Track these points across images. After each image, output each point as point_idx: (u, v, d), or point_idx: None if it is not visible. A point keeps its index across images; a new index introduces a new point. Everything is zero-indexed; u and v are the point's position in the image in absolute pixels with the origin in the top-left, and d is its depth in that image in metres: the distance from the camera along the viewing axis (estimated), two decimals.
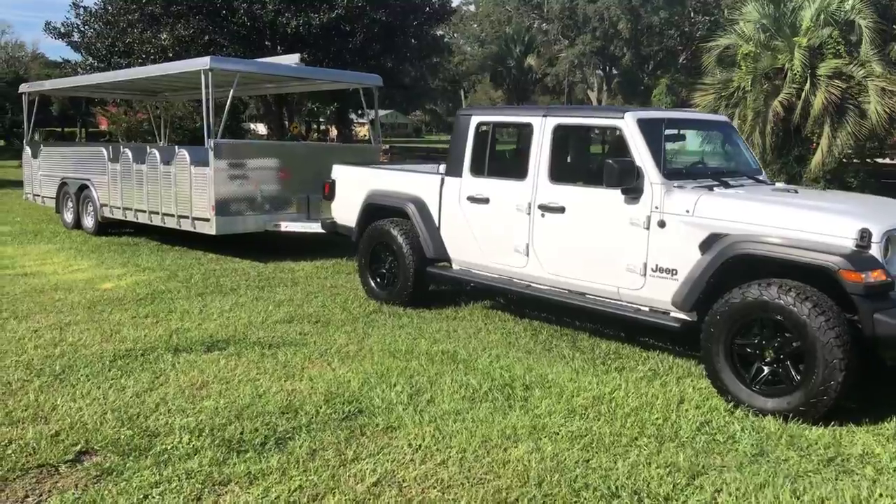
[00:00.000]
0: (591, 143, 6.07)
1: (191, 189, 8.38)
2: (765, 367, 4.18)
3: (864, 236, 3.99)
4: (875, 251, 4.01)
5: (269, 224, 8.54)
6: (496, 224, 5.76)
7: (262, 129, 33.82)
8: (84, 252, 9.01)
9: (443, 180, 6.22)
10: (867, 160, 16.82)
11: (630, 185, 4.81)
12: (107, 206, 9.97)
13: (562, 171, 5.43)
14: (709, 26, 57.00)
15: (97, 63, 20.28)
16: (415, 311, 6.28)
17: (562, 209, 5.29)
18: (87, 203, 10.48)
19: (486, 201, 5.82)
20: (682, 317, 4.73)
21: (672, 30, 58.35)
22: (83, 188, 10.44)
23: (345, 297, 6.82)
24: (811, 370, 3.92)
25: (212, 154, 8.03)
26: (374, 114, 9.90)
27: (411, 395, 4.29)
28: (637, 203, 4.86)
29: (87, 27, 20.52)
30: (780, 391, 4.09)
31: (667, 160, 4.98)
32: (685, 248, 4.64)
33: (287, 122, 23.89)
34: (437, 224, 6.27)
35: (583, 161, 5.87)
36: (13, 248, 9.13)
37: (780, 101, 15.42)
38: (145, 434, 3.68)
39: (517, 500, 3.15)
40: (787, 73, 15.52)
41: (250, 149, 9.25)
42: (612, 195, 4.94)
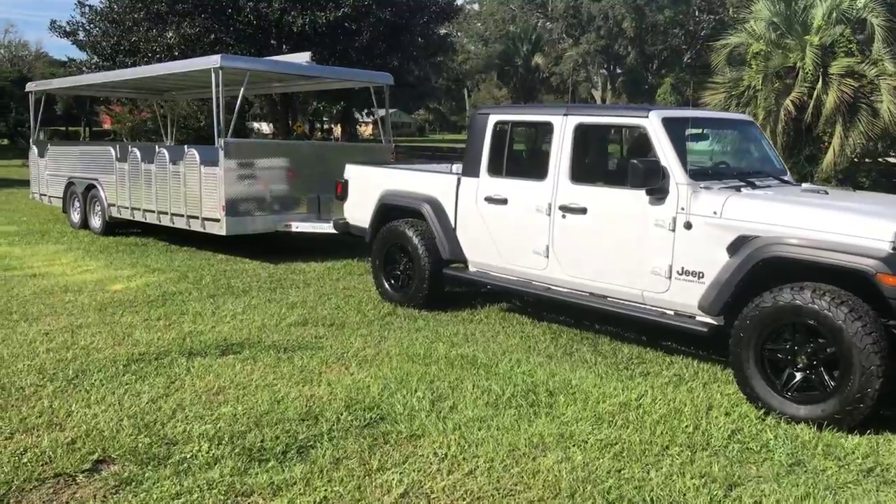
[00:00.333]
0: (614, 143, 5.95)
1: (200, 189, 8.28)
2: (797, 374, 4.07)
3: None
4: None
5: (280, 224, 8.44)
6: (515, 225, 5.65)
7: (265, 128, 33.76)
8: (92, 252, 8.92)
9: (459, 180, 6.11)
10: (879, 159, 16.67)
11: (655, 185, 4.70)
12: (114, 205, 9.88)
13: (583, 172, 5.32)
14: (713, 25, 56.89)
15: (102, 62, 20.21)
16: (430, 314, 6.18)
17: (583, 210, 5.17)
18: (94, 203, 10.39)
19: (505, 202, 5.71)
20: (709, 321, 4.61)
21: (677, 29, 58.18)
22: (90, 188, 10.35)
23: (358, 298, 6.72)
24: (847, 377, 3.81)
25: (222, 153, 7.93)
26: (385, 113, 9.79)
27: (433, 401, 4.19)
28: (662, 204, 4.75)
29: (92, 26, 20.45)
30: (813, 398, 3.98)
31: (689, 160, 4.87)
32: (712, 251, 4.52)
33: (291, 122, 23.81)
34: (454, 225, 6.16)
35: (605, 161, 5.76)
36: (21, 249, 9.04)
37: (792, 100, 15.27)
38: (163, 442, 3.58)
39: None
40: (799, 72, 15.37)
41: (261, 148, 9.16)
42: (637, 196, 4.83)
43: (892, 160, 17.12)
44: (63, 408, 3.96)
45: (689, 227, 4.65)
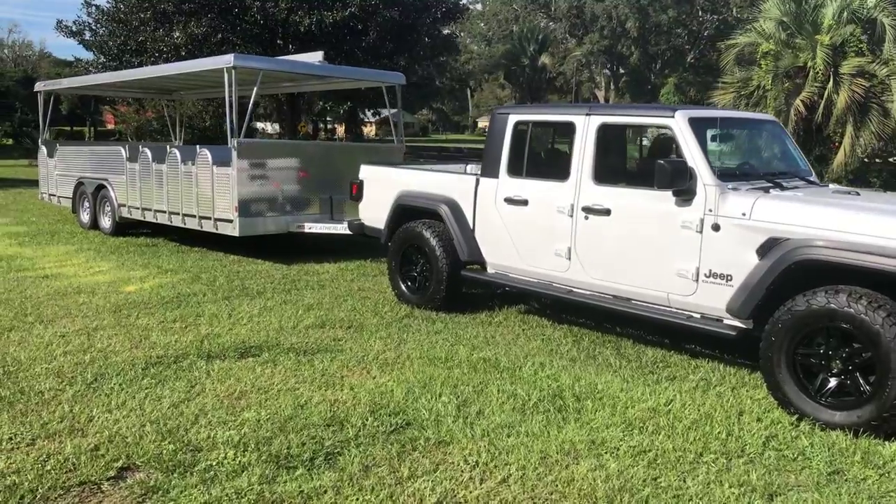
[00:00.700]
0: (638, 143, 5.87)
1: (213, 189, 8.21)
2: (831, 379, 3.99)
3: None
4: None
5: (293, 225, 8.37)
6: (535, 226, 5.58)
7: (269, 128, 33.69)
8: (103, 253, 8.85)
9: (478, 181, 6.04)
10: (890, 160, 16.57)
11: (683, 186, 4.62)
12: (125, 206, 9.82)
13: (607, 172, 5.24)
14: (717, 25, 56.77)
15: (109, 62, 20.16)
16: (448, 316, 6.10)
17: (607, 211, 5.09)
18: (104, 203, 10.33)
19: (525, 203, 5.63)
20: (738, 324, 4.53)
21: (680, 29, 58.04)
22: (100, 188, 10.29)
23: (375, 300, 6.64)
24: (884, 382, 3.73)
25: (235, 154, 7.86)
26: (398, 112, 9.71)
27: (459, 406, 4.11)
28: (689, 205, 4.67)
29: (98, 26, 20.40)
30: (848, 404, 3.90)
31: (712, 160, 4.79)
32: (741, 253, 4.44)
33: (295, 122, 23.74)
34: (472, 226, 6.09)
35: (629, 161, 5.68)
36: (32, 250, 8.98)
37: (802, 100, 15.19)
38: (188, 448, 3.50)
39: None
40: (809, 72, 15.28)
41: (273, 148, 9.09)
42: (663, 197, 4.75)
43: None
44: (84, 413, 3.89)
45: (716, 228, 4.57)
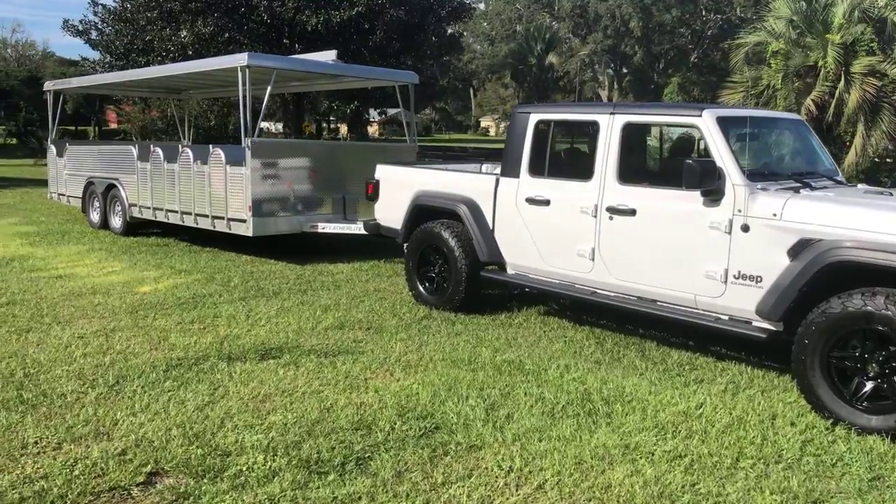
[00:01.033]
0: (663, 142, 5.80)
1: (226, 189, 8.16)
2: (867, 383, 3.92)
3: None
4: None
5: (306, 225, 8.31)
6: (558, 227, 5.51)
7: (272, 127, 33.60)
8: (115, 253, 8.80)
9: (497, 181, 5.97)
10: None
11: (711, 186, 4.56)
12: (136, 205, 9.76)
13: (632, 172, 5.17)
14: (721, 24, 56.64)
15: (115, 61, 20.13)
16: (468, 317, 6.04)
17: (632, 212, 5.03)
18: (114, 203, 10.28)
19: (547, 203, 5.56)
20: (768, 326, 4.46)
21: (683, 28, 57.93)
22: (111, 187, 10.24)
23: (392, 301, 6.58)
24: None
25: (249, 153, 7.80)
26: (410, 112, 9.65)
27: (487, 409, 4.05)
28: (718, 206, 4.60)
29: (105, 25, 20.36)
30: (885, 408, 3.83)
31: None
32: (772, 254, 4.37)
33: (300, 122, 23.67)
34: (492, 226, 6.02)
35: (655, 161, 5.61)
36: (43, 250, 8.93)
37: (813, 100, 15.10)
38: (216, 453, 3.44)
39: None
40: (820, 71, 15.20)
41: (287, 148, 9.03)
42: (690, 197, 4.68)
43: None
44: (108, 416, 3.83)
45: (746, 229, 4.50)
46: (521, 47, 53.06)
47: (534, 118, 5.77)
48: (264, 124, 34.68)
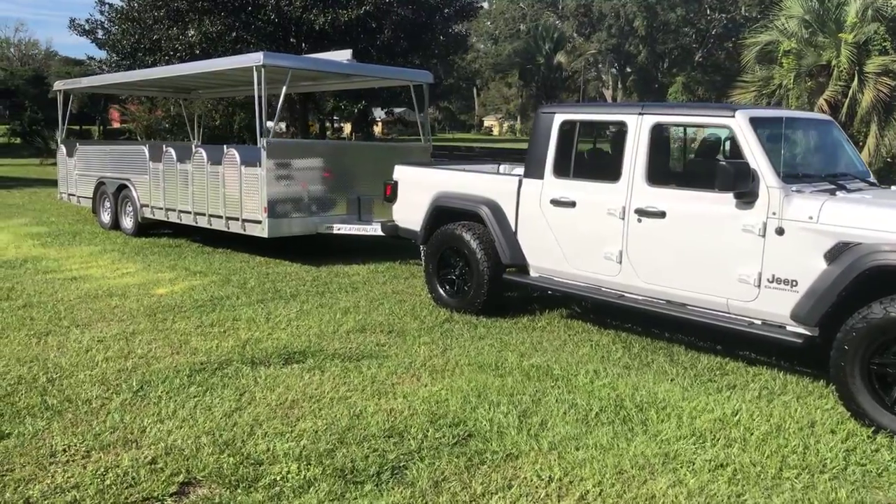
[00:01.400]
0: (693, 143, 5.71)
1: (241, 190, 8.08)
2: None
3: None
4: None
5: (321, 226, 8.24)
6: (584, 229, 5.42)
7: (276, 128, 33.50)
8: (128, 254, 8.73)
9: (521, 182, 5.89)
10: None
11: (745, 188, 4.47)
12: (147, 206, 9.69)
13: (661, 173, 5.09)
14: (725, 24, 56.46)
15: (121, 60, 20.07)
16: (490, 321, 5.96)
17: (662, 214, 4.94)
18: (126, 203, 10.21)
19: (573, 205, 5.48)
20: (803, 331, 4.37)
21: (687, 27, 57.78)
22: (122, 188, 10.17)
23: (411, 303, 6.50)
24: None
25: (264, 154, 7.72)
26: (424, 111, 9.57)
27: (519, 416, 3.97)
28: (751, 208, 4.51)
29: (112, 24, 20.30)
30: None
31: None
32: (808, 258, 4.29)
33: (306, 121, 23.60)
34: (514, 228, 5.94)
35: (685, 162, 5.52)
36: (56, 251, 8.86)
37: (826, 99, 15.00)
38: (248, 462, 3.37)
39: None
40: (833, 70, 15.09)
41: (302, 149, 8.95)
42: (722, 199, 4.60)
43: None
44: (135, 423, 3.76)
45: (781, 232, 4.41)
46: (530, 46, 52.93)
47: (558, 118, 5.68)
48: (270, 124, 34.76)
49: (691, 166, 5.50)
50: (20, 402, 4.00)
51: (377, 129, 53.84)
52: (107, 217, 10.66)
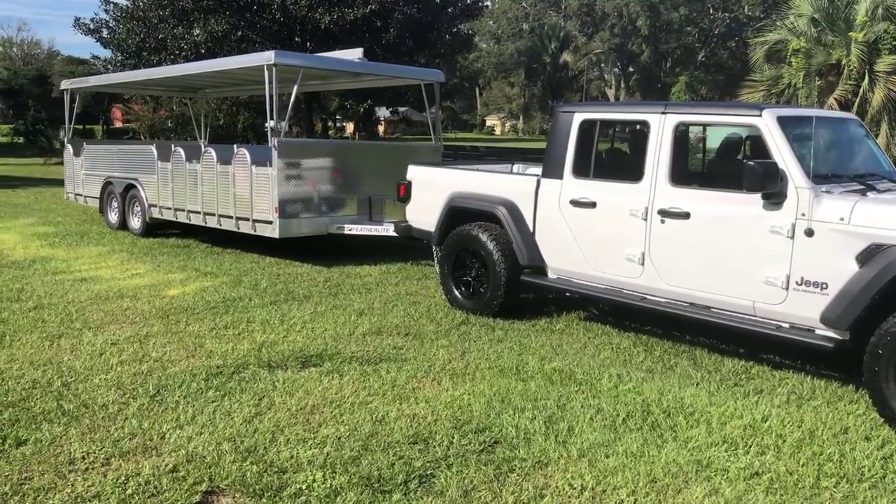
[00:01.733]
0: (717, 143, 5.62)
1: (251, 190, 8.00)
2: None
3: None
4: None
5: (332, 226, 8.15)
6: (604, 230, 5.33)
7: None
8: (136, 255, 8.65)
9: (539, 182, 5.80)
10: None
11: (773, 189, 4.38)
12: (156, 206, 9.61)
13: (685, 173, 5.00)
14: (728, 23, 56.29)
15: (126, 59, 20.00)
16: (507, 323, 5.87)
17: (686, 215, 4.85)
18: (133, 203, 10.13)
19: (593, 205, 5.39)
20: (833, 335, 4.28)
21: (690, 27, 57.64)
22: (130, 188, 10.09)
23: (426, 305, 6.41)
24: None
25: (275, 153, 7.64)
26: (436, 111, 9.48)
27: (545, 422, 3.88)
28: (779, 209, 4.42)
29: (117, 23, 20.23)
30: None
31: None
32: (838, 260, 4.20)
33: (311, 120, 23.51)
34: (532, 229, 5.85)
35: (710, 162, 5.43)
36: (64, 251, 8.78)
37: (836, 98, 14.90)
38: (272, 470, 3.28)
39: None
40: (843, 70, 14.99)
41: (314, 148, 8.85)
42: (750, 200, 4.51)
43: None
44: (154, 429, 3.67)
45: (810, 234, 4.32)
46: (535, 45, 52.85)
47: (578, 118, 5.59)
48: (271, 123, 34.74)
49: (715, 166, 5.41)
50: (36, 407, 3.91)
51: (380, 129, 53.78)
52: (114, 217, 10.58)
